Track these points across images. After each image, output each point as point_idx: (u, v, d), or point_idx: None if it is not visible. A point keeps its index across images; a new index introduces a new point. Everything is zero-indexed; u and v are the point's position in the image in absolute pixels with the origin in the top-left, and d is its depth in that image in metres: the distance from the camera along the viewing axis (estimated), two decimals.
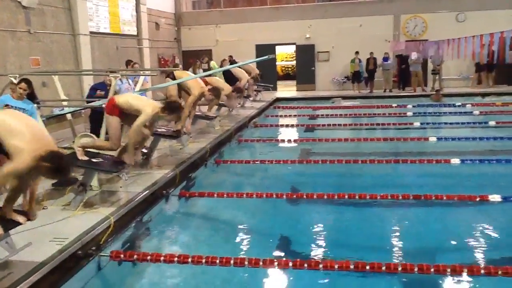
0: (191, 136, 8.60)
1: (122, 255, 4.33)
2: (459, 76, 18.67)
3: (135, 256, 4.31)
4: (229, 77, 12.33)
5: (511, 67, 17.64)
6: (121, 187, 5.91)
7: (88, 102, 7.40)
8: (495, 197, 5.67)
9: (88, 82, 11.35)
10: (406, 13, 19.09)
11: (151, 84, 10.23)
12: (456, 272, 3.87)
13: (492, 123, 10.68)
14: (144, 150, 6.76)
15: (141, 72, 10.73)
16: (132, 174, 6.33)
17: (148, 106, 5.50)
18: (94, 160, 5.31)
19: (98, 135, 6.10)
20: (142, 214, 5.40)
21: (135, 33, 16.11)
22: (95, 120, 6.72)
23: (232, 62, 15.90)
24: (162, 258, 4.23)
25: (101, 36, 13.94)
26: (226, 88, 10.09)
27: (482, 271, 3.89)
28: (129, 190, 5.73)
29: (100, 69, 12.83)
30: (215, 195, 6.14)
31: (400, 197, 5.72)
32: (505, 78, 18.09)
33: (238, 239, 5.10)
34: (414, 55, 17.44)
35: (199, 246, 4.94)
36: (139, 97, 5.95)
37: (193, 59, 16.11)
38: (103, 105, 5.93)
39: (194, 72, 12.60)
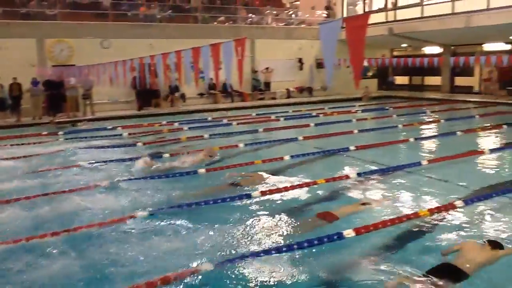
0: None
1: None
2: (109, 101, 19.26)
3: None
4: None
5: (150, 93, 19.40)
6: None
7: None
8: (142, 213, 6.07)
9: None
10: (50, 37, 18.48)
11: None
12: None
13: (140, 144, 11.68)
14: None
15: None
16: None
17: None
18: None
19: None
20: None
21: None
22: None
23: None
24: None
25: None
26: None
27: None
28: None
29: None
30: None
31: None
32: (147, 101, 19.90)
33: None
34: (72, 80, 17.11)
35: None
36: None
37: None
38: None
39: None
